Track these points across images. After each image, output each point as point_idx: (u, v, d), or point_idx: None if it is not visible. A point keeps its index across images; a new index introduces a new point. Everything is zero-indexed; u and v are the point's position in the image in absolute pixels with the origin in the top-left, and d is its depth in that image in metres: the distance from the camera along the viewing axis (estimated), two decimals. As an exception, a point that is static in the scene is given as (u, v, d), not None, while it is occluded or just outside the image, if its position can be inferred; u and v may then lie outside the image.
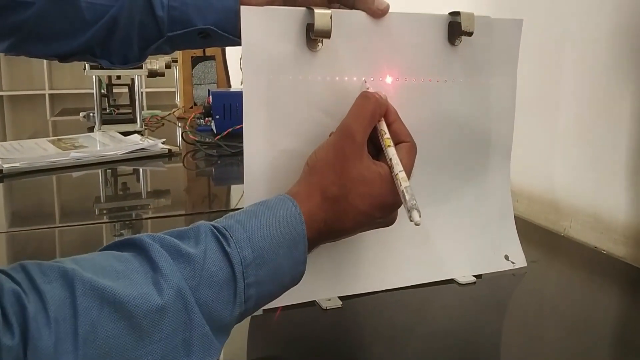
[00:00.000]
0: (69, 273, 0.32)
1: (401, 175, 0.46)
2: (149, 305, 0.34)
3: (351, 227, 0.47)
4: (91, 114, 1.56)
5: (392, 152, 0.47)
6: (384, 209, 0.47)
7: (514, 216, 0.64)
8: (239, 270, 0.39)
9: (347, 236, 0.48)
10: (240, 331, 0.46)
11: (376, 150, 0.49)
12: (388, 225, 0.50)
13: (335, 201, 0.45)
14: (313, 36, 0.50)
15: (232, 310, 0.38)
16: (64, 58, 0.66)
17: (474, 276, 0.60)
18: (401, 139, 0.49)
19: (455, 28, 0.55)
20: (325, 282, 0.54)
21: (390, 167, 0.47)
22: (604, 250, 0.70)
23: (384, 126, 0.49)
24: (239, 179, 1.06)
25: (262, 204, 0.44)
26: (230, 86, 1.75)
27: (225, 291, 0.38)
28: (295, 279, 0.44)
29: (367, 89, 0.51)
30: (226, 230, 0.40)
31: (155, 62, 1.56)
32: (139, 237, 0.38)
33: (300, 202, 0.44)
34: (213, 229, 0.40)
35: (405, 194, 0.44)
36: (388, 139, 0.48)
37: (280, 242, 0.41)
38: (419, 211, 0.43)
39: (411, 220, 0.43)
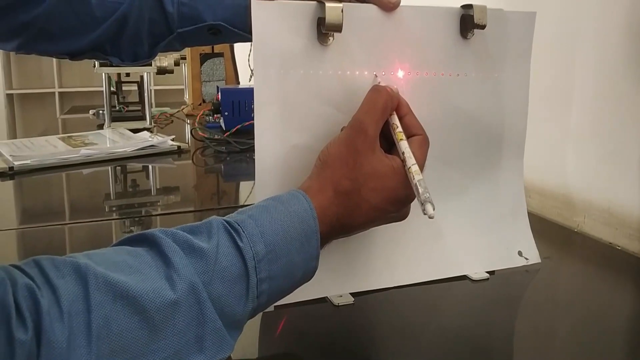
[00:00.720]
0: (82, 268, 0.32)
1: (414, 168, 0.45)
2: (162, 300, 0.34)
3: (364, 222, 0.47)
4: (101, 112, 1.57)
5: (404, 145, 0.47)
6: (397, 202, 0.47)
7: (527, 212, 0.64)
8: (252, 265, 0.38)
9: (360, 231, 0.48)
10: (252, 327, 0.45)
11: (388, 144, 0.49)
12: (401, 220, 0.50)
13: (348, 195, 0.45)
14: (324, 30, 0.50)
15: (244, 306, 0.38)
16: (75, 56, 0.67)
17: (487, 272, 0.59)
18: (413, 132, 0.49)
19: (468, 21, 0.55)
20: (337, 279, 0.54)
21: (403, 161, 0.46)
22: (618, 246, 0.69)
23: (395, 119, 0.49)
24: (248, 176, 1.06)
25: (275, 199, 0.44)
26: (238, 83, 1.75)
27: (238, 286, 0.38)
28: (307, 275, 0.43)
29: (379, 83, 0.51)
30: (238, 225, 0.40)
31: (164, 60, 1.56)
32: (152, 232, 0.37)
33: (313, 196, 0.44)
34: (225, 223, 0.40)
35: (419, 187, 0.44)
36: (400, 132, 0.48)
37: (293, 237, 0.41)
38: (432, 204, 0.43)
39: (425, 214, 0.43)
